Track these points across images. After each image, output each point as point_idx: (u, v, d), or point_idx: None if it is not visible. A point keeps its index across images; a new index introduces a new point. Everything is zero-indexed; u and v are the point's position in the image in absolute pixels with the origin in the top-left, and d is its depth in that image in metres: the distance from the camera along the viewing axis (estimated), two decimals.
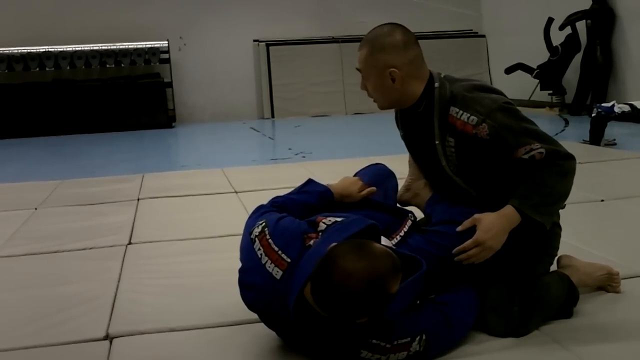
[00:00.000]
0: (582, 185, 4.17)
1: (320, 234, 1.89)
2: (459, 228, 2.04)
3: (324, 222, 1.93)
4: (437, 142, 2.13)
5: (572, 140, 6.50)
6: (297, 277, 1.77)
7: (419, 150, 2.31)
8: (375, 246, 1.71)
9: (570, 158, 2.09)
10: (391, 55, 2.10)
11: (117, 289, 2.59)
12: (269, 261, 1.85)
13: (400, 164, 2.74)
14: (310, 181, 2.26)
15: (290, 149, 7.06)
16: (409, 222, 2.18)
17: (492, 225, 2.01)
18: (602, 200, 3.79)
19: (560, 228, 2.30)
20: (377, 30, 2.18)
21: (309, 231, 1.91)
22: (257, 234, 1.93)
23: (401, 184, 2.46)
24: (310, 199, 2.18)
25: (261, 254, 1.88)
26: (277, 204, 2.13)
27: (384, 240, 1.98)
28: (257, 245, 1.90)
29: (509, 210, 2.03)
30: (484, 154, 2.07)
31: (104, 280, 2.71)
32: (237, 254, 2.04)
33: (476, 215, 2.04)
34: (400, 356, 1.82)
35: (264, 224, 1.94)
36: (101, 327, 2.21)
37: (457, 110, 2.07)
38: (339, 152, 6.41)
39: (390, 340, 1.80)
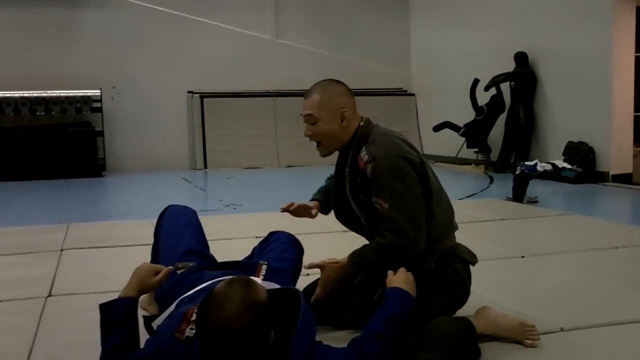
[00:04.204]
0: (504, 241, 4.32)
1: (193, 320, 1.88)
2: (306, 265, 2.48)
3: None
4: (347, 169, 2.45)
5: (496, 197, 6.70)
6: None
7: (336, 182, 2.61)
8: (216, 289, 1.74)
9: (402, 238, 2.30)
10: (342, 99, 2.46)
11: (32, 345, 2.51)
12: None
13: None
14: (105, 307, 2.07)
15: (221, 200, 7.04)
16: (264, 267, 2.44)
17: (331, 272, 2.43)
18: (523, 257, 3.89)
19: (460, 278, 2.46)
20: (323, 82, 2.51)
21: (178, 326, 1.89)
22: None
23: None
24: (124, 330, 2.02)
25: None
26: None
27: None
28: None
29: (345, 259, 2.43)
30: (369, 189, 2.35)
31: (19, 334, 2.62)
32: None
33: (321, 262, 2.45)
34: None
35: None
36: None
37: (365, 148, 2.39)
38: (269, 204, 6.38)
39: None
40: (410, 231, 2.29)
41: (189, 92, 10.98)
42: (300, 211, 2.77)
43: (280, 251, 2.62)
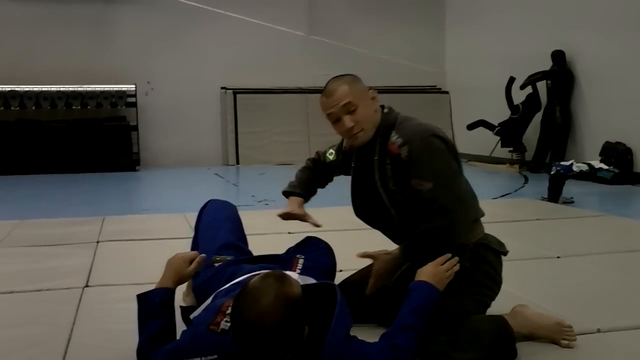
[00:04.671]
0: (539, 241, 4.27)
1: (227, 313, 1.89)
2: (358, 254, 2.43)
3: None
4: (375, 157, 2.40)
5: (531, 197, 6.63)
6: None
7: (358, 177, 2.55)
8: (250, 284, 1.74)
9: (449, 214, 2.27)
10: (361, 83, 2.43)
11: (70, 333, 2.55)
12: None
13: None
14: (143, 297, 2.12)
15: (253, 196, 7.07)
16: (301, 260, 2.41)
17: (384, 263, 2.40)
18: (558, 257, 3.84)
19: (494, 270, 2.43)
20: (333, 79, 2.44)
21: (213, 318, 1.90)
22: None
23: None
24: (161, 320, 2.06)
25: None
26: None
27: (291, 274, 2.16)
28: None
29: (396, 249, 2.41)
30: (405, 175, 2.32)
31: (56, 323, 2.66)
32: None
33: (373, 253, 2.43)
34: None
35: None
36: None
37: (394, 132, 2.36)
38: None
39: None
40: (456, 206, 2.29)
41: (222, 88, 11.04)
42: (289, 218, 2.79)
43: (316, 254, 2.61)
